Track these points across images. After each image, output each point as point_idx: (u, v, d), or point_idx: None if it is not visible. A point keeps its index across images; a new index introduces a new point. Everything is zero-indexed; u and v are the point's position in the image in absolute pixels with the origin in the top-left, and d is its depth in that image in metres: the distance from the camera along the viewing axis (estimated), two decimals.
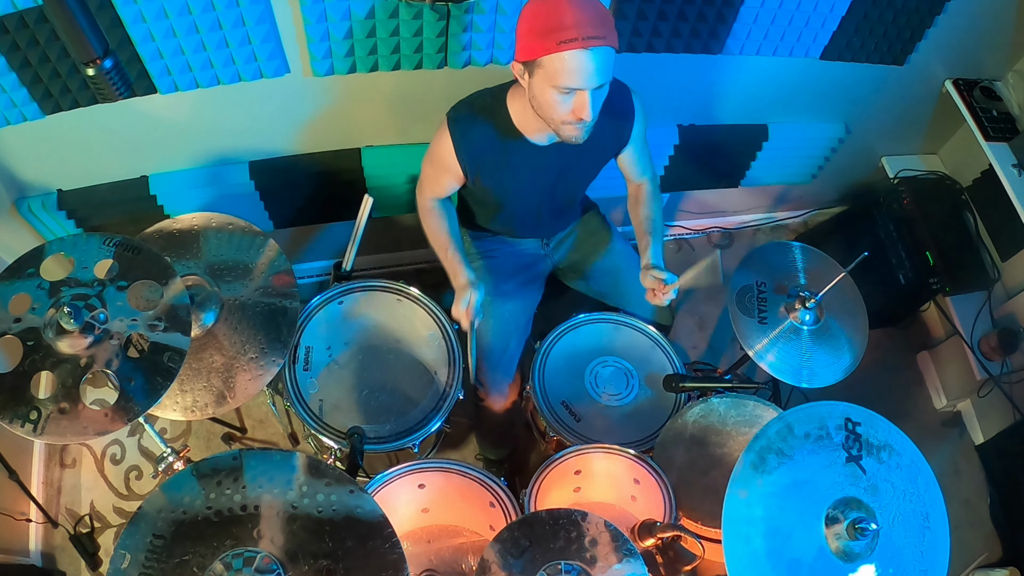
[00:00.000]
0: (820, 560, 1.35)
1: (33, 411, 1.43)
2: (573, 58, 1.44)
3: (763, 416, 1.92)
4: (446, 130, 1.74)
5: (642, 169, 1.99)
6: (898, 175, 2.88)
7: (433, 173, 1.86)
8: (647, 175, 2.01)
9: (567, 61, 1.44)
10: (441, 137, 1.75)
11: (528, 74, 1.53)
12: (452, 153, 1.75)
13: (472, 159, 1.76)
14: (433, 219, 1.93)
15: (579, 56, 1.43)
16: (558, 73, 1.46)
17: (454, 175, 1.82)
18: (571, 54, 1.43)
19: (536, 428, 2.09)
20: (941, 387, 3.01)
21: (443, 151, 1.76)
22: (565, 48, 1.43)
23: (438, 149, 1.78)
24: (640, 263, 1.90)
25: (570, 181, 1.93)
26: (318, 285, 2.79)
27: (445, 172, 1.82)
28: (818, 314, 1.96)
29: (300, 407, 1.86)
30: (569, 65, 1.45)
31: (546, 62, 1.47)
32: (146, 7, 1.61)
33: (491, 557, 1.40)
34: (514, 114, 1.72)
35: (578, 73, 1.46)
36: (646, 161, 1.98)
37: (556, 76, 1.47)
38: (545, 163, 1.79)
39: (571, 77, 1.46)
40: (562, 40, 1.42)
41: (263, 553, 1.22)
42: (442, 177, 1.84)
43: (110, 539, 2.36)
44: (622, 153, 1.91)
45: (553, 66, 1.46)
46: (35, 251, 1.58)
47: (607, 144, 1.85)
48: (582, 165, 1.88)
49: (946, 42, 2.36)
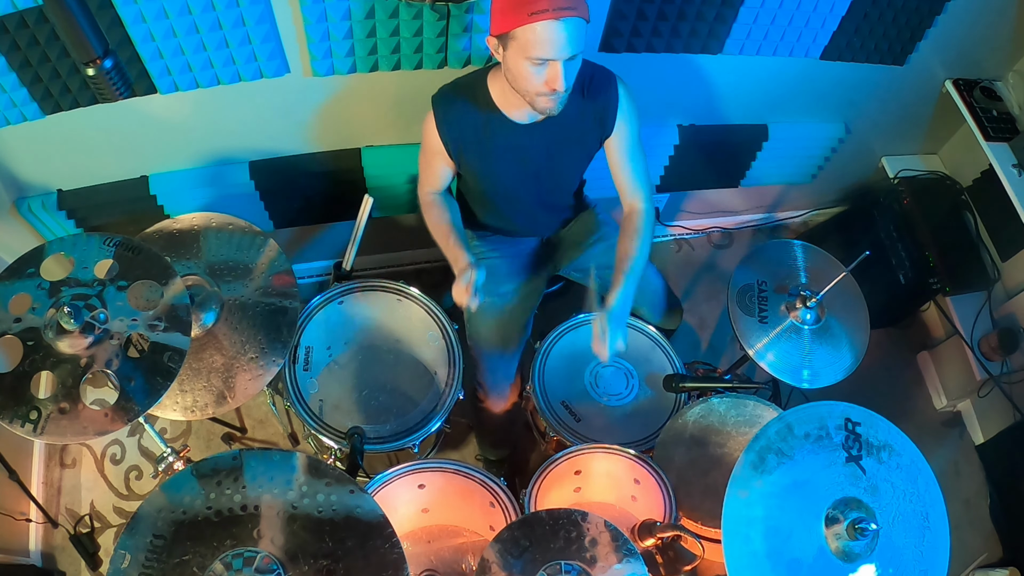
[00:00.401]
0: (820, 560, 1.35)
1: (33, 411, 1.43)
2: (544, 28, 1.47)
3: (763, 416, 1.92)
4: (430, 113, 1.77)
5: (635, 182, 1.89)
6: (898, 175, 2.88)
7: (425, 161, 1.88)
8: (641, 193, 1.90)
9: (539, 32, 1.47)
10: (427, 119, 1.79)
11: (502, 47, 1.56)
12: (435, 133, 1.78)
13: (454, 136, 1.78)
14: (434, 211, 1.93)
15: (550, 26, 1.46)
16: (530, 44, 1.50)
17: (443, 158, 1.83)
18: (542, 25, 1.46)
19: (536, 428, 2.09)
20: (941, 387, 3.01)
21: (429, 132, 1.79)
22: (536, 19, 1.46)
23: (425, 131, 1.81)
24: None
25: (554, 166, 1.91)
26: (318, 285, 2.79)
27: (434, 155, 1.83)
28: (819, 313, 1.96)
29: (300, 407, 1.86)
30: (541, 36, 1.48)
31: (519, 34, 1.50)
32: (146, 7, 1.61)
33: (491, 557, 1.40)
34: (494, 93, 1.75)
35: (550, 43, 1.49)
36: (639, 173, 1.89)
37: (528, 47, 1.50)
38: (527, 143, 1.80)
39: (543, 48, 1.49)
40: (533, 11, 1.45)
41: (263, 553, 1.22)
42: (433, 162, 1.86)
43: (110, 539, 2.36)
44: (609, 147, 1.87)
45: (525, 37, 1.49)
46: (35, 251, 1.58)
47: (589, 127, 1.83)
48: (565, 149, 1.87)
49: (946, 42, 2.36)
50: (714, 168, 2.76)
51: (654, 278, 2.16)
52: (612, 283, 1.84)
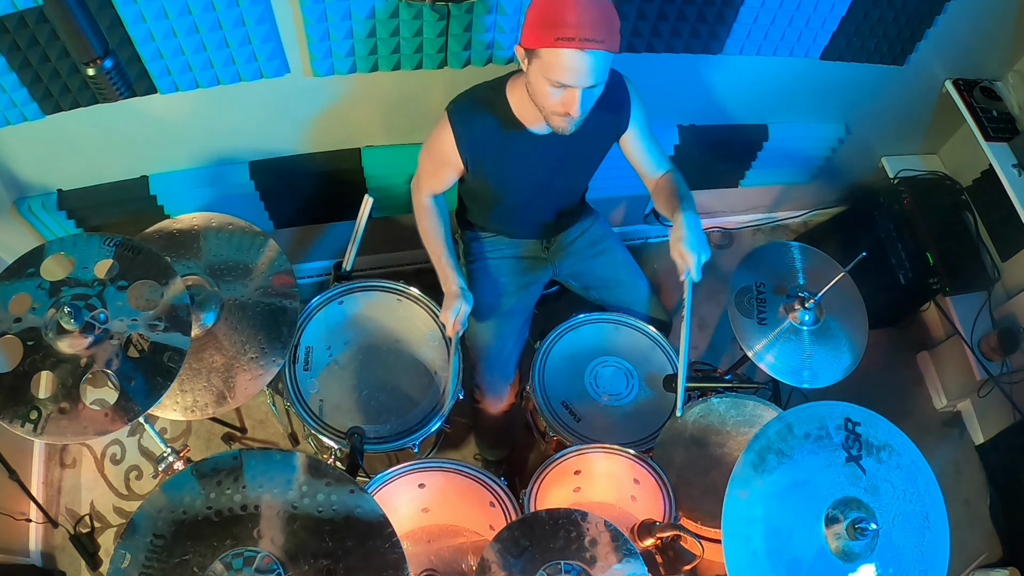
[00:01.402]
0: (820, 560, 1.35)
1: (33, 411, 1.43)
2: (568, 56, 1.46)
3: (763, 416, 1.92)
4: (447, 123, 1.75)
5: (656, 161, 1.94)
6: (898, 175, 2.88)
7: (432, 167, 1.87)
8: (663, 165, 1.94)
9: (562, 58, 1.47)
10: (442, 130, 1.76)
11: (528, 60, 1.56)
12: (453, 146, 1.76)
13: (473, 151, 1.77)
14: (429, 220, 1.93)
15: (574, 56, 1.46)
16: (552, 67, 1.49)
17: (454, 168, 1.82)
18: (566, 52, 1.46)
19: (536, 428, 2.09)
20: (941, 387, 3.01)
21: (444, 144, 1.77)
22: (561, 46, 1.45)
23: (438, 142, 1.79)
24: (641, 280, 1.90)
25: (569, 172, 1.92)
26: (318, 285, 2.79)
27: (445, 165, 1.82)
28: (817, 314, 1.96)
29: (300, 407, 1.86)
30: (563, 62, 1.47)
31: (543, 54, 1.49)
32: (146, 7, 1.61)
33: (491, 557, 1.40)
34: (514, 104, 1.74)
35: (571, 71, 1.48)
36: (657, 152, 1.93)
37: (550, 70, 1.50)
38: (544, 152, 1.80)
39: (564, 74, 1.49)
40: (560, 37, 1.44)
41: (263, 553, 1.22)
42: (442, 170, 1.85)
43: (110, 539, 2.36)
44: (626, 143, 1.89)
45: (549, 59, 1.49)
46: (35, 251, 1.58)
47: (605, 133, 1.85)
48: (581, 155, 1.88)
49: (946, 42, 2.36)
50: (714, 168, 2.76)
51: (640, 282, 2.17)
52: (671, 209, 1.80)
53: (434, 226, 1.93)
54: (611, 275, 2.16)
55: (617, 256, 2.17)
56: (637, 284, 2.15)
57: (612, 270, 2.16)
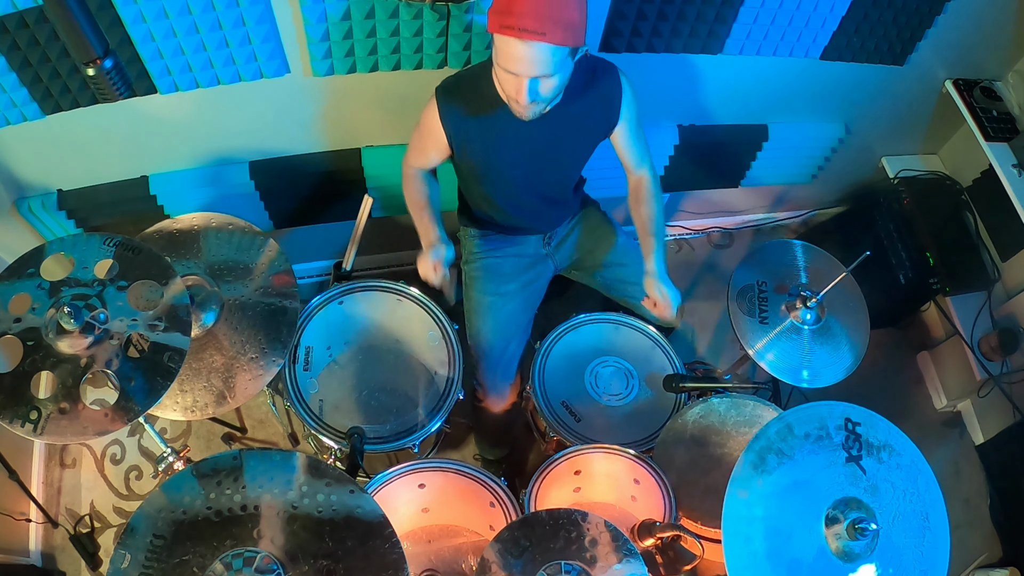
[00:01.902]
0: (820, 560, 1.35)
1: (33, 411, 1.43)
2: (506, 44, 1.49)
3: (763, 416, 1.92)
4: (434, 102, 1.77)
5: (639, 157, 1.95)
6: (898, 175, 2.88)
7: (419, 142, 1.88)
8: (645, 164, 1.98)
9: (503, 45, 1.50)
10: (429, 107, 1.78)
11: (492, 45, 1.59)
12: (437, 121, 1.77)
13: (456, 127, 1.78)
14: (414, 184, 1.93)
15: (513, 44, 1.48)
16: (499, 53, 1.53)
17: (439, 142, 1.82)
18: (507, 40, 1.48)
19: (536, 428, 2.09)
20: (941, 387, 3.01)
21: (430, 120, 1.79)
22: (502, 32, 1.48)
23: (425, 118, 1.81)
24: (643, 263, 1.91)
25: (558, 160, 1.91)
26: (318, 285, 2.78)
27: (430, 138, 1.83)
28: (819, 313, 1.96)
29: (300, 407, 1.86)
30: (505, 49, 1.51)
31: (495, 39, 1.52)
32: (146, 7, 1.61)
33: (491, 557, 1.40)
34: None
35: (512, 60, 1.51)
36: (642, 148, 1.95)
37: (498, 55, 1.54)
38: (530, 135, 1.79)
39: (507, 61, 1.52)
40: (503, 24, 1.47)
41: (263, 553, 1.22)
42: (427, 144, 1.85)
43: (110, 539, 2.36)
44: (615, 135, 1.89)
45: (497, 45, 1.53)
46: (35, 251, 1.58)
47: (595, 124, 1.85)
48: (569, 143, 1.87)
49: (946, 42, 2.36)
50: (714, 168, 2.76)
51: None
52: (643, 250, 1.92)
53: (419, 189, 1.93)
54: (614, 258, 2.14)
55: (617, 240, 2.15)
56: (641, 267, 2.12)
57: (613, 253, 2.14)
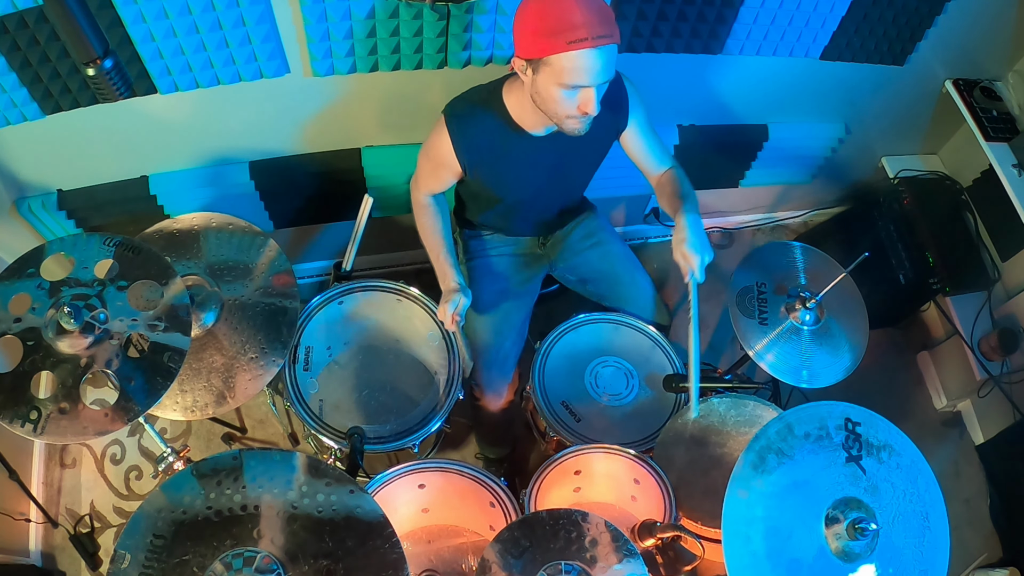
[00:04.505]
0: (820, 560, 1.35)
1: (33, 411, 1.43)
2: (583, 57, 1.46)
3: (763, 416, 1.92)
4: (444, 127, 1.74)
5: (658, 158, 1.93)
6: (898, 175, 2.88)
7: (431, 168, 1.87)
8: (667, 162, 1.95)
9: (577, 60, 1.46)
10: (439, 134, 1.76)
11: (532, 71, 1.55)
12: (451, 150, 1.76)
13: (471, 155, 1.77)
14: (427, 217, 1.93)
15: (589, 55, 1.46)
16: (566, 71, 1.48)
17: (451, 170, 1.82)
18: (581, 53, 1.45)
19: (536, 428, 2.08)
20: (941, 387, 3.01)
21: (441, 148, 1.77)
22: (575, 48, 1.44)
23: (436, 146, 1.78)
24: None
25: (569, 172, 1.92)
26: (318, 285, 2.78)
27: (443, 167, 1.82)
28: (818, 314, 1.96)
29: (300, 407, 1.86)
30: (579, 64, 1.47)
31: (554, 60, 1.48)
32: (146, 7, 1.61)
33: (491, 557, 1.40)
34: (511, 108, 1.73)
35: (587, 71, 1.48)
36: (660, 148, 1.93)
37: (564, 74, 1.49)
38: (543, 154, 1.80)
39: (580, 75, 1.48)
40: (572, 40, 1.44)
41: (263, 553, 1.22)
42: (440, 172, 1.85)
43: (110, 539, 2.36)
44: (627, 141, 1.89)
45: (561, 64, 1.48)
46: (35, 251, 1.58)
47: (603, 133, 1.85)
48: (580, 155, 1.88)
49: (946, 42, 2.36)
50: (714, 168, 2.76)
51: (640, 278, 2.16)
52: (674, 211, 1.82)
53: (433, 224, 1.93)
54: (607, 268, 2.15)
55: (613, 249, 2.16)
56: (636, 280, 2.14)
57: (608, 263, 2.15)
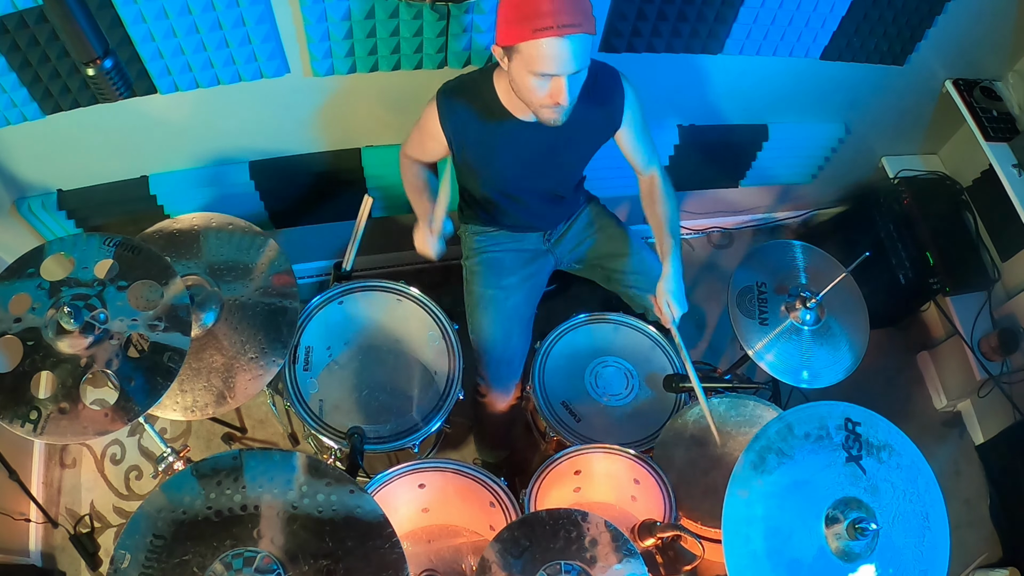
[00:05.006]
0: (820, 560, 1.35)
1: (33, 411, 1.43)
2: (548, 45, 1.47)
3: (763, 416, 1.92)
4: (434, 103, 1.77)
5: (647, 157, 1.96)
6: (898, 175, 2.88)
7: (419, 139, 1.88)
8: (654, 164, 1.98)
9: (542, 48, 1.47)
10: (430, 108, 1.78)
11: (507, 58, 1.56)
12: (437, 123, 1.78)
13: (456, 130, 1.78)
14: (413, 169, 1.94)
15: (554, 43, 1.46)
16: (534, 59, 1.50)
17: (438, 142, 1.83)
18: (546, 41, 1.46)
19: (536, 428, 2.09)
20: (941, 387, 3.01)
21: (430, 121, 1.79)
22: (540, 35, 1.46)
23: (425, 119, 1.81)
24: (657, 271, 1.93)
25: (559, 162, 1.91)
26: (318, 285, 2.78)
27: (430, 139, 1.84)
28: (819, 314, 1.96)
29: (300, 407, 1.86)
30: (544, 52, 1.48)
31: (523, 48, 1.50)
32: (146, 7, 1.61)
33: (491, 557, 1.40)
34: (500, 92, 1.74)
35: (554, 60, 1.49)
36: (649, 148, 1.95)
37: (532, 62, 1.50)
38: (531, 141, 1.80)
39: (547, 63, 1.50)
40: (537, 28, 1.45)
41: (263, 553, 1.22)
42: (427, 143, 1.86)
43: (110, 539, 2.36)
44: (621, 137, 1.90)
45: (529, 52, 1.49)
46: (35, 251, 1.58)
47: (597, 127, 1.85)
48: (571, 146, 1.88)
49: (946, 42, 2.36)
50: (714, 168, 2.76)
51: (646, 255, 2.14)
52: (660, 253, 1.90)
53: (417, 173, 1.93)
54: (613, 249, 2.14)
55: (615, 231, 2.15)
56: (643, 256, 2.12)
57: (613, 244, 2.14)
